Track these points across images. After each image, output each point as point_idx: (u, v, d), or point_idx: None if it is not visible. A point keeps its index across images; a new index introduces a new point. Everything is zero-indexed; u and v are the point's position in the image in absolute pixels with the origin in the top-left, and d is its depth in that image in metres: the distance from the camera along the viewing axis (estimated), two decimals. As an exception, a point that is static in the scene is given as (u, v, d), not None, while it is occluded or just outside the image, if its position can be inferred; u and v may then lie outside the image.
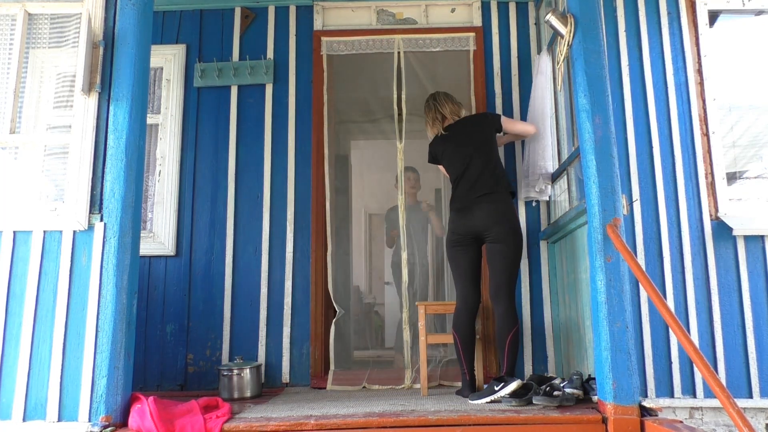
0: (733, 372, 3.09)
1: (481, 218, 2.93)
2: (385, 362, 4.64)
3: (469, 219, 2.96)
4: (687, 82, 3.41)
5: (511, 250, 2.90)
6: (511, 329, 2.82)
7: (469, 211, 2.97)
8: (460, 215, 3.01)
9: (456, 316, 2.98)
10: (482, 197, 2.95)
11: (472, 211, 2.96)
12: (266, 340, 3.48)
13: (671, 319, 2.01)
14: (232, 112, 3.76)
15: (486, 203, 2.94)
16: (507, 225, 2.91)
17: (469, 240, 2.99)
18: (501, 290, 2.88)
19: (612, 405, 2.25)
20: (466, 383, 2.89)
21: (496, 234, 2.90)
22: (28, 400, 2.48)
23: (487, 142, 3.10)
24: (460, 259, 3.00)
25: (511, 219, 2.94)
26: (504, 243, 2.89)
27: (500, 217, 2.91)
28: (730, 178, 3.35)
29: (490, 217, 2.91)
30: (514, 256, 2.91)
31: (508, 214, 2.94)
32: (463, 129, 3.16)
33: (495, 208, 2.93)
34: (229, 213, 3.63)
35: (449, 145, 3.15)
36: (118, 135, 2.60)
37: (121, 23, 2.70)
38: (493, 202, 2.94)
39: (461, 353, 2.92)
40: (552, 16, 2.69)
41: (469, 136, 3.11)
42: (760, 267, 3.18)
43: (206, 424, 2.30)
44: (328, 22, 3.90)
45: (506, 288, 2.88)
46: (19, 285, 2.57)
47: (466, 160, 3.06)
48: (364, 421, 2.32)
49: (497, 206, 2.93)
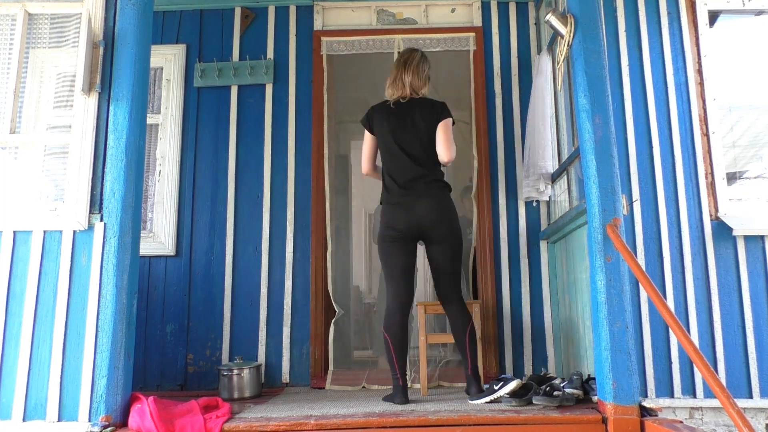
0: (733, 372, 3.09)
1: (426, 215, 2.72)
2: (385, 362, 4.64)
3: (410, 214, 2.73)
4: (687, 82, 3.41)
5: (457, 248, 2.78)
6: (466, 326, 2.75)
7: (410, 206, 2.74)
8: (400, 209, 2.75)
9: (388, 317, 2.75)
10: (425, 191, 2.75)
11: (414, 207, 2.74)
12: (266, 340, 3.48)
13: (671, 319, 2.01)
14: (232, 112, 3.76)
15: (430, 199, 2.74)
16: (453, 223, 2.76)
17: (407, 236, 2.75)
18: (452, 289, 2.79)
19: (612, 405, 2.25)
20: (399, 389, 2.68)
21: (442, 232, 2.74)
22: (28, 400, 2.47)
23: (432, 132, 2.82)
24: (398, 256, 2.76)
25: (454, 216, 2.78)
26: (450, 241, 2.76)
27: (446, 214, 2.75)
28: (730, 178, 3.35)
29: (436, 215, 2.72)
30: (459, 254, 2.81)
31: (452, 211, 2.78)
32: (414, 108, 2.84)
33: (442, 206, 2.75)
34: (229, 213, 3.63)
35: (393, 119, 2.84)
36: (118, 135, 2.60)
37: (121, 23, 2.70)
38: (438, 198, 2.76)
39: (394, 356, 2.70)
40: (552, 16, 2.69)
41: (419, 119, 2.82)
42: (760, 267, 3.18)
43: (206, 424, 2.30)
44: (328, 22, 3.90)
45: (456, 286, 2.80)
46: (19, 285, 2.57)
47: (408, 142, 2.79)
48: (364, 421, 2.32)
49: (443, 203, 2.76)
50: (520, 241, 3.60)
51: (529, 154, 3.47)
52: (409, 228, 2.75)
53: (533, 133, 3.43)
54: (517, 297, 3.53)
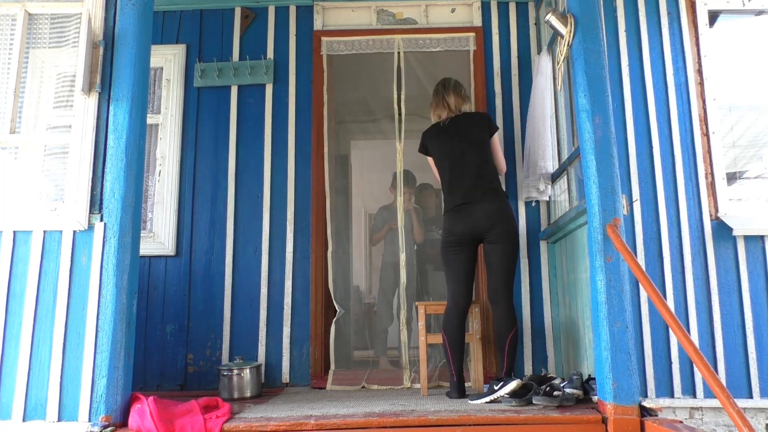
0: (733, 372, 3.09)
1: (482, 218, 2.88)
2: (386, 362, 4.63)
3: (468, 219, 2.91)
4: (687, 82, 3.41)
5: (511, 251, 2.89)
6: (510, 330, 2.82)
7: (468, 210, 2.92)
8: (459, 215, 2.94)
9: (446, 317, 2.93)
10: (482, 197, 2.91)
11: (471, 211, 2.91)
12: (266, 340, 3.48)
13: (671, 319, 2.01)
14: (232, 112, 3.76)
15: (487, 203, 2.90)
16: (508, 225, 2.89)
17: (467, 240, 2.93)
18: (500, 291, 2.88)
19: (612, 405, 2.25)
20: (454, 385, 2.84)
21: (497, 234, 2.87)
22: (28, 400, 2.47)
23: (483, 141, 3.04)
24: (457, 259, 2.94)
25: (510, 219, 2.92)
26: (504, 244, 2.87)
27: (501, 217, 2.88)
28: (730, 178, 3.35)
29: (491, 217, 2.87)
30: (513, 257, 2.90)
31: (508, 214, 2.92)
32: (461, 124, 3.07)
33: (496, 208, 2.89)
34: (229, 213, 3.63)
35: (444, 137, 3.08)
36: (118, 135, 2.60)
37: (121, 23, 2.70)
38: (493, 202, 2.90)
39: (450, 354, 2.87)
40: (552, 16, 2.69)
41: (467, 132, 3.04)
42: (760, 267, 3.18)
43: (206, 424, 2.30)
44: (328, 22, 3.90)
45: (506, 289, 2.88)
46: (19, 285, 2.57)
47: (460, 155, 3.00)
48: (364, 421, 2.32)
49: (498, 206, 2.90)
50: (520, 241, 3.59)
51: (529, 154, 3.47)
52: (467, 232, 2.91)
53: (533, 133, 3.43)
54: (517, 297, 3.52)
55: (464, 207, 2.93)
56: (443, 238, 3.00)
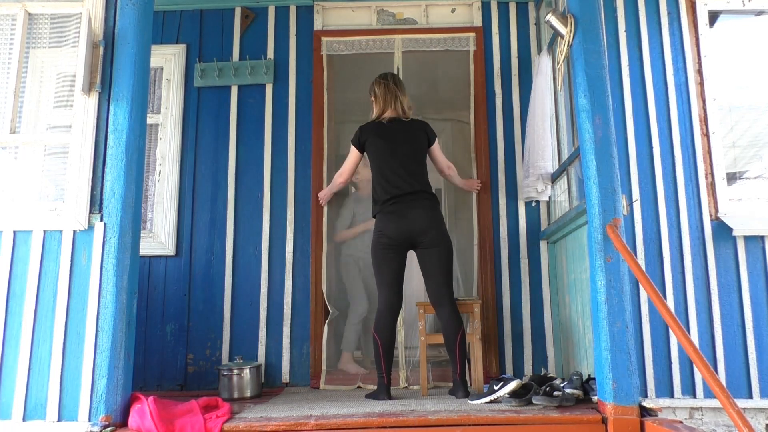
0: (733, 372, 3.09)
1: (416, 221, 2.90)
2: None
3: (401, 221, 2.91)
4: (687, 82, 3.41)
5: (447, 253, 2.93)
6: (458, 331, 2.85)
7: (401, 212, 2.92)
8: (391, 216, 2.93)
9: (380, 320, 2.91)
10: (416, 201, 2.94)
11: (405, 213, 2.92)
12: (266, 340, 3.48)
13: (671, 319, 2.01)
14: (232, 112, 3.76)
15: (420, 208, 2.93)
16: (441, 229, 2.95)
17: (399, 243, 2.92)
18: (444, 294, 2.90)
19: (612, 405, 2.25)
20: (384, 387, 2.86)
21: (432, 238, 2.90)
22: (28, 400, 2.47)
23: (424, 150, 3.10)
24: (390, 263, 2.93)
25: (443, 224, 2.98)
26: (440, 246, 2.91)
27: (435, 221, 2.93)
28: (730, 178, 3.35)
29: (425, 222, 2.91)
30: (450, 259, 2.94)
31: (441, 219, 2.98)
32: (405, 128, 3.08)
33: (430, 214, 2.93)
34: (229, 213, 3.63)
35: (387, 137, 3.04)
36: (118, 135, 2.60)
37: (121, 23, 2.70)
38: (427, 207, 2.94)
39: (382, 357, 2.87)
40: (552, 16, 2.69)
41: (412, 137, 3.06)
42: (760, 267, 3.18)
43: (206, 424, 2.30)
44: (328, 22, 3.90)
45: (447, 291, 2.91)
46: (19, 285, 2.57)
47: (400, 157, 3.00)
48: (364, 421, 2.32)
49: (432, 212, 2.95)
50: (520, 241, 3.60)
51: (529, 154, 3.47)
52: (401, 236, 2.92)
53: (533, 133, 3.43)
54: (517, 297, 3.53)
55: (398, 209, 2.94)
56: (375, 239, 2.99)
